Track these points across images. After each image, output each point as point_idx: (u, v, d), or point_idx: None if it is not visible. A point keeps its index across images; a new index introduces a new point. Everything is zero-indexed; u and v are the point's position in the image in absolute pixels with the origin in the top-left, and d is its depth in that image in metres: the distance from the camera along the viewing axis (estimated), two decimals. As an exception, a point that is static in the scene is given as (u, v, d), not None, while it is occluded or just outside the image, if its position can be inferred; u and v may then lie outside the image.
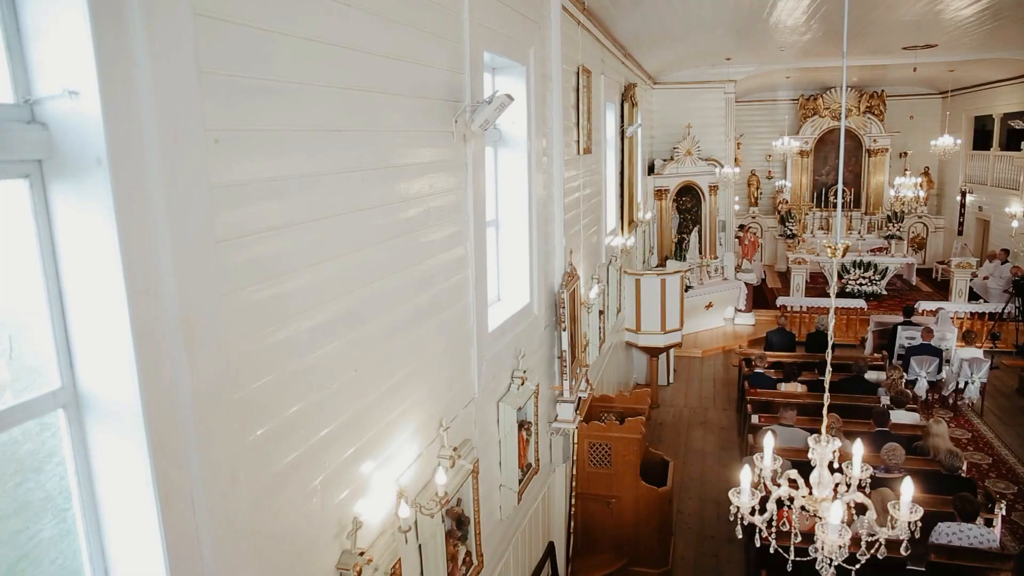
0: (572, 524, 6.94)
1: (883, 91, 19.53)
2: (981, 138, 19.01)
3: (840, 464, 2.70)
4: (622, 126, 10.04)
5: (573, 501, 6.93)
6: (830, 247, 2.53)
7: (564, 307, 5.69)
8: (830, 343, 2.86)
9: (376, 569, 2.96)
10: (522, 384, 4.91)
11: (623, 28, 9.22)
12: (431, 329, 3.73)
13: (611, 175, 9.68)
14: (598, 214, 8.39)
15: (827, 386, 2.65)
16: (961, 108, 19.29)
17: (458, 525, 3.99)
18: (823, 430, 2.71)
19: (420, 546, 3.59)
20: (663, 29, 10.32)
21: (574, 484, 6.89)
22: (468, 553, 4.14)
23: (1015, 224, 11.23)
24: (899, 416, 8.36)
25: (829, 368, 2.85)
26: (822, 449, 2.59)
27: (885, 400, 8.86)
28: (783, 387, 9.72)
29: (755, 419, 8.55)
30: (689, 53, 13.31)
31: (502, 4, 4.69)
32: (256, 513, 2.30)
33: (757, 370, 10.03)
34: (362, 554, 2.87)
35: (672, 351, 11.91)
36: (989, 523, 6.29)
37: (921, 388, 10.94)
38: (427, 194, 3.65)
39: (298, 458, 2.56)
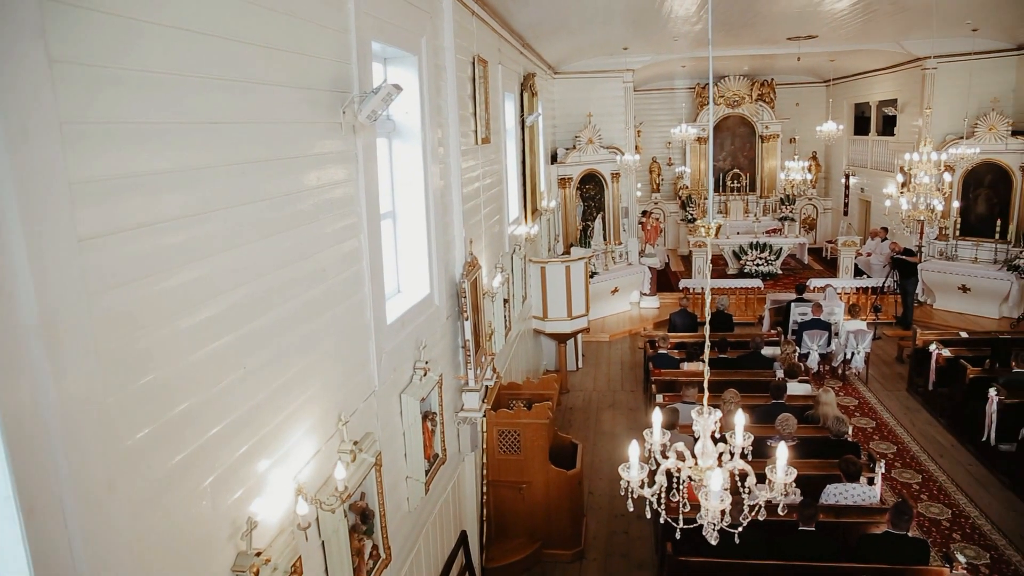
0: (485, 512, 7.01)
1: (773, 79, 20.40)
2: (861, 124, 20.17)
3: (723, 434, 2.84)
4: (522, 116, 10.12)
5: (484, 489, 6.99)
6: (704, 226, 2.66)
7: (466, 297, 5.71)
8: (707, 318, 3.00)
9: (275, 569, 2.91)
10: (425, 375, 4.91)
11: (520, 18, 9.29)
12: (326, 323, 3.69)
13: (513, 164, 9.75)
14: (500, 203, 8.45)
15: (706, 360, 2.78)
16: (842, 96, 20.41)
17: (363, 519, 3.97)
18: (704, 403, 2.85)
19: (323, 543, 3.55)
20: (560, 19, 10.45)
21: (485, 472, 6.95)
22: (375, 547, 4.13)
23: (888, 204, 11.99)
24: (793, 388, 8.83)
25: (707, 344, 3.00)
26: (704, 421, 2.72)
27: (780, 374, 9.32)
28: (686, 366, 10.08)
29: (660, 398, 8.84)
30: (587, 43, 13.53)
31: (390, -7, 4.65)
32: (138, 520, 2.22)
33: (661, 351, 10.37)
34: (259, 554, 2.82)
35: (580, 336, 12.16)
36: (871, 481, 6.74)
37: (813, 361, 11.56)
38: (316, 187, 3.59)
39: (185, 460, 2.49)
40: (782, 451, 2.81)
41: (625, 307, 15.48)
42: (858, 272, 16.07)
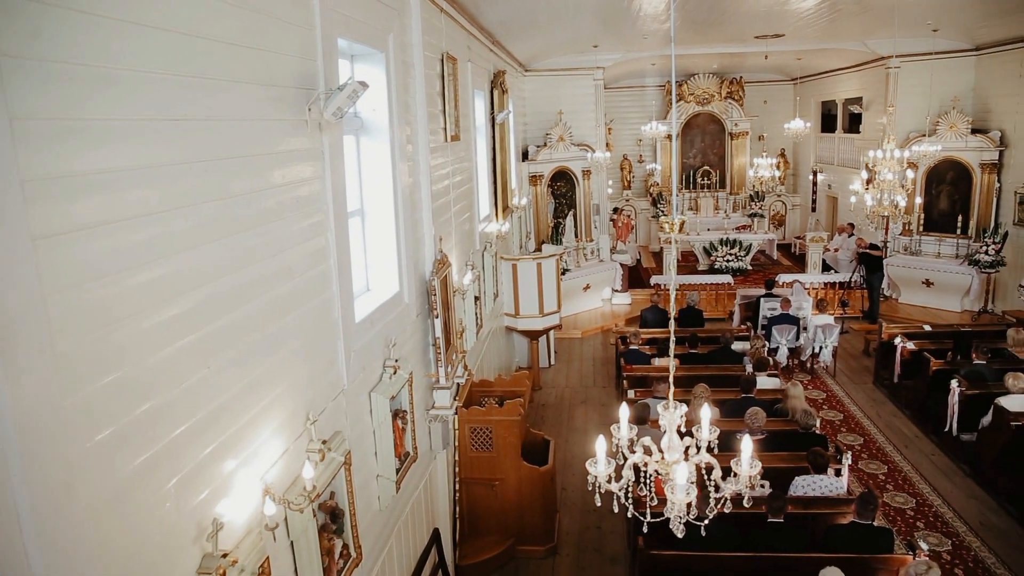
0: (457, 509, 7.01)
1: (742, 77, 20.59)
2: (827, 121, 20.45)
3: (690, 429, 2.88)
4: (492, 113, 10.11)
5: (457, 486, 6.99)
6: (668, 223, 2.68)
7: (436, 294, 5.70)
8: (673, 314, 3.04)
9: (242, 570, 2.89)
10: (395, 373, 4.90)
11: (489, 16, 9.28)
12: (293, 321, 3.66)
13: (483, 162, 9.74)
14: (470, 201, 8.44)
15: (671, 354, 2.82)
16: (809, 94, 20.69)
17: (332, 518, 3.95)
18: (670, 397, 2.88)
19: (292, 543, 3.53)
20: (529, 17, 10.46)
21: (457, 469, 6.95)
22: (345, 546, 4.11)
23: (853, 200, 12.20)
24: (762, 382, 8.93)
25: (673, 339, 3.03)
26: (670, 415, 2.75)
27: (749, 368, 9.43)
28: (657, 362, 10.16)
29: (631, 394, 8.89)
30: (557, 40, 13.57)
31: (356, -11, 4.62)
32: (99, 524, 2.19)
33: (632, 347, 10.44)
34: (225, 556, 2.79)
35: (552, 333, 12.20)
36: (839, 473, 6.85)
37: (782, 355, 11.73)
38: (282, 184, 3.56)
39: (148, 461, 2.46)
40: (747, 444, 2.84)
41: (597, 304, 15.56)
42: (826, 267, 16.30)
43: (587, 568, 7.10)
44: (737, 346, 10.47)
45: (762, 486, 6.41)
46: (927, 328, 11.34)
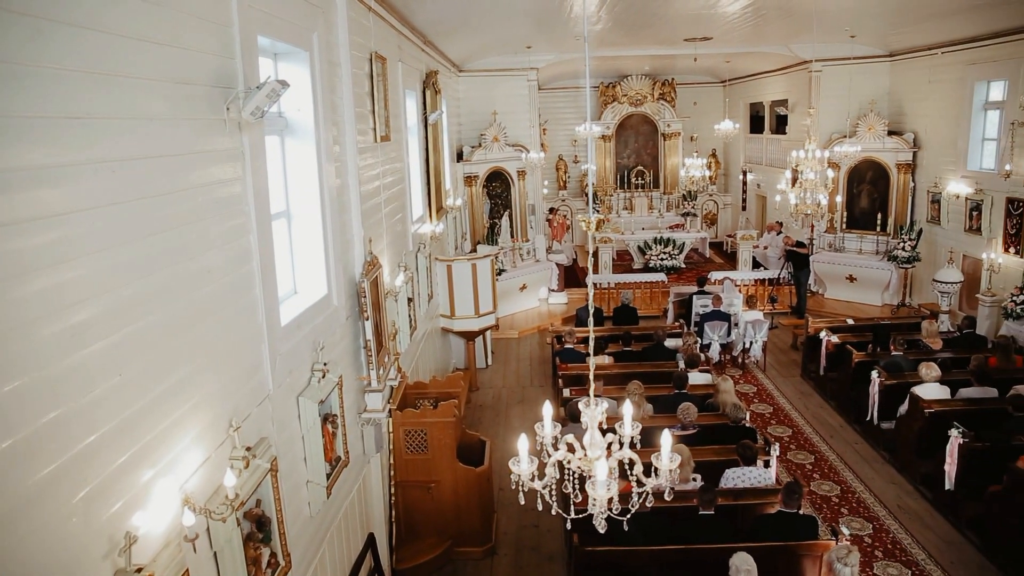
0: (393, 513, 6.94)
1: (673, 79, 21.00)
2: (756, 123, 21.06)
3: (613, 425, 2.91)
4: (425, 113, 10.06)
5: (393, 490, 6.92)
6: (585, 221, 2.72)
7: (366, 296, 5.64)
8: (590, 312, 3.07)
9: (159, 583, 2.80)
10: (324, 377, 4.82)
11: (420, 15, 9.23)
12: (214, 326, 3.56)
13: (416, 162, 9.68)
14: (403, 202, 8.37)
15: (591, 351, 2.85)
16: (738, 96, 21.26)
17: (259, 527, 3.86)
18: (590, 394, 2.92)
19: (215, 553, 3.43)
20: (462, 17, 10.45)
21: (392, 473, 6.88)
22: (273, 554, 4.02)
23: (778, 199, 12.60)
24: (694, 377, 9.13)
25: (592, 335, 3.06)
26: (591, 412, 2.78)
27: (682, 364, 9.61)
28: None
29: (566, 392, 8.96)
30: (491, 41, 13.59)
31: (278, -13, 4.53)
32: (-5, 543, 2.09)
33: (568, 346, 10.52)
34: (139, 570, 2.70)
35: (489, 334, 12.21)
36: (767, 464, 7.05)
37: (715, 351, 12.00)
38: (201, 185, 3.46)
39: (53, 474, 2.35)
40: (666, 438, 2.90)
41: (534, 304, 15.64)
42: (756, 264, 16.76)
43: (525, 567, 7.12)
44: (670, 343, 10.66)
45: (694, 479, 6.55)
46: (850, 322, 11.79)
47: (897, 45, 14.20)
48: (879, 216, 14.66)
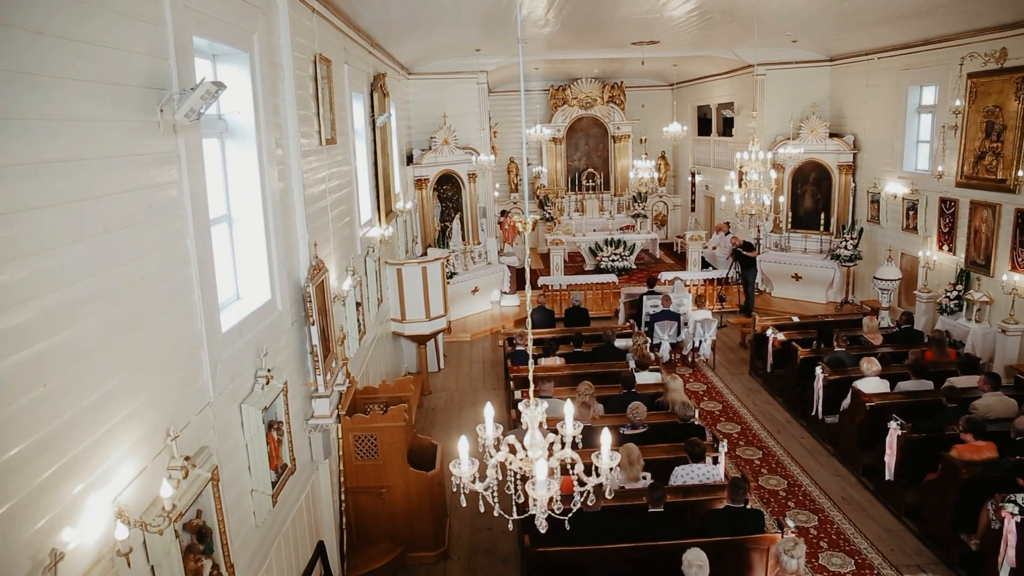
0: (344, 519, 6.85)
1: (623, 82, 21.25)
2: (703, 125, 21.42)
3: (554, 425, 2.92)
4: (373, 116, 9.98)
5: (343, 496, 6.84)
6: (520, 221, 2.72)
7: (311, 301, 5.56)
8: (530, 315, 3.08)
9: (90, 600, 2.71)
10: (268, 383, 4.73)
11: (367, 17, 9.15)
12: (149, 333, 3.46)
13: (364, 166, 9.59)
14: (350, 205, 8.28)
15: (529, 353, 2.86)
16: (686, 98, 21.61)
17: (199, 538, 3.77)
18: (530, 396, 2.92)
19: (152, 567, 3.34)
20: (409, 19, 10.38)
21: (342, 479, 6.80)
22: (216, 566, 3.93)
23: (723, 199, 12.84)
24: (644, 377, 9.23)
25: (530, 337, 3.07)
26: (531, 412, 2.79)
27: (632, 364, 9.71)
28: (543, 361, 10.29)
29: (517, 394, 8.97)
30: (439, 44, 13.55)
31: (214, -14, 4.44)
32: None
33: (519, 348, 10.53)
34: (69, 586, 2.61)
35: (441, 337, 12.16)
36: (716, 460, 7.16)
37: (665, 350, 12.15)
38: (133, 189, 3.37)
39: (-30, 491, 2.26)
40: (606, 437, 2.92)
41: (486, 306, 15.63)
42: (705, 265, 17.03)
43: (479, 570, 7.10)
44: (620, 343, 10.76)
45: (644, 477, 6.62)
46: (795, 320, 12.06)
47: (837, 50, 14.61)
48: (822, 216, 15.04)
